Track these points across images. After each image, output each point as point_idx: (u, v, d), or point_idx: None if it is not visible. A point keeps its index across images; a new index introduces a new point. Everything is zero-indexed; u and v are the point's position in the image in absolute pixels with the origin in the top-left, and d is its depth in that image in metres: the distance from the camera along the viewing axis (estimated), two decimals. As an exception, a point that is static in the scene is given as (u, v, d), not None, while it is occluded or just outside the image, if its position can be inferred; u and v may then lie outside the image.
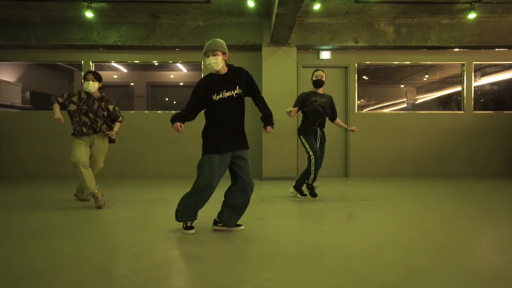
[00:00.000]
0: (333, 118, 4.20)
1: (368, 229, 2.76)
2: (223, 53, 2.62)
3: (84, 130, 3.66)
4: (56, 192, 4.72)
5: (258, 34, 6.23)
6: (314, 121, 3.98)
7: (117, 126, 3.90)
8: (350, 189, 5.06)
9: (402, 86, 9.80)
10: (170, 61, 6.73)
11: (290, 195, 4.29)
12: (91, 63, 6.51)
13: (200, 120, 2.68)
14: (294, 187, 4.21)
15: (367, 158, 6.61)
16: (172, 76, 8.77)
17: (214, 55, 2.59)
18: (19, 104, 7.06)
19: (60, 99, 3.71)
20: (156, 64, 6.98)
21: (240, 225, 2.79)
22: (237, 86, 2.62)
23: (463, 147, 6.59)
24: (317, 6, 5.24)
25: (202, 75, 6.57)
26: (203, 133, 2.67)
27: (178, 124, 2.55)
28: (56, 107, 3.67)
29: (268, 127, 2.72)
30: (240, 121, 2.67)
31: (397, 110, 8.58)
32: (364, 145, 6.61)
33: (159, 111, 6.62)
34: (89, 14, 5.51)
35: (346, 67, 6.67)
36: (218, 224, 2.76)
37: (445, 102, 8.22)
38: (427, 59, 6.71)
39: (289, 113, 3.89)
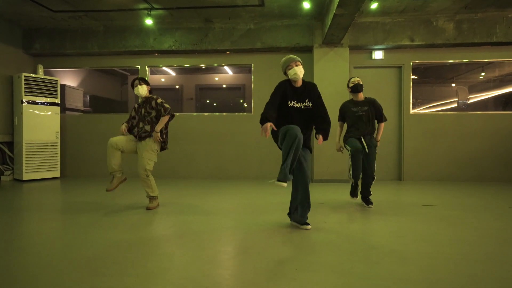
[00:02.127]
0: (379, 121, 3.93)
1: (447, 237, 2.63)
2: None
3: (135, 132, 3.76)
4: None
5: (310, 36, 6.18)
6: (359, 132, 3.81)
7: (159, 124, 3.61)
8: (412, 194, 4.86)
9: (453, 85, 9.26)
10: (222, 64, 6.88)
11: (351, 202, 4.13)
12: (146, 68, 6.83)
13: (251, 123, 2.72)
14: (361, 198, 3.95)
15: (422, 161, 6.32)
16: (217, 79, 8.97)
17: (298, 65, 2.92)
18: (81, 107, 7.57)
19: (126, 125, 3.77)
20: (204, 67, 7.19)
21: (308, 224, 2.92)
22: (307, 99, 2.95)
23: (532, 151, 6.09)
24: (374, 5, 5.10)
25: (252, 77, 6.65)
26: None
27: (269, 124, 2.65)
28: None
29: (320, 138, 2.93)
30: (304, 130, 2.90)
31: (447, 110, 8.12)
32: (419, 147, 6.33)
33: (206, 113, 6.80)
34: (148, 22, 5.77)
35: (400, 67, 6.42)
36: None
37: (504, 102, 7.63)
38: (490, 56, 6.28)
39: (339, 149, 3.92)
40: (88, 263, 2.06)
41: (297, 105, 2.92)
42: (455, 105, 8.80)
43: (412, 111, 6.41)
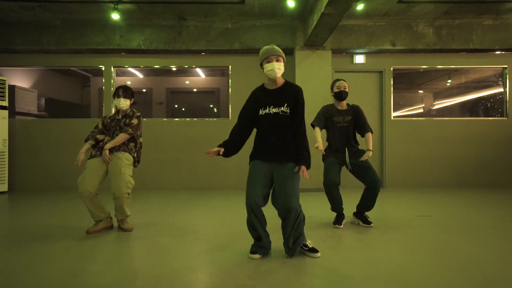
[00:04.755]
0: (363, 132, 3.37)
1: (438, 252, 2.36)
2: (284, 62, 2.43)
3: (98, 151, 3.17)
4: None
5: (291, 37, 5.88)
6: (340, 153, 3.30)
7: (115, 141, 3.06)
8: (400, 203, 4.65)
9: (420, 91, 9.45)
10: (196, 66, 6.37)
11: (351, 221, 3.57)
12: (112, 69, 6.16)
13: (228, 128, 2.30)
14: (354, 213, 3.47)
15: (405, 167, 6.21)
16: (187, 82, 8.43)
17: (278, 60, 2.39)
18: (34, 111, 6.69)
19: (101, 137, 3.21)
20: (175, 69, 6.64)
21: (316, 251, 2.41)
22: (286, 104, 2.36)
23: (507, 156, 6.18)
24: (360, 6, 4.90)
25: (230, 80, 6.21)
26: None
27: (216, 149, 2.39)
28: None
29: (304, 169, 2.31)
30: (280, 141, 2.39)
31: (414, 116, 8.20)
32: (401, 153, 6.22)
33: (176, 119, 6.25)
34: (115, 16, 5.16)
35: (381, 72, 6.31)
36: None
37: (469, 108, 7.83)
38: (467, 63, 6.35)
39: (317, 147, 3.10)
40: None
41: (274, 110, 2.35)
42: (422, 111, 8.97)
43: (393, 117, 6.30)
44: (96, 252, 2.52)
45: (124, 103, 3.17)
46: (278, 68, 2.36)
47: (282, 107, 2.35)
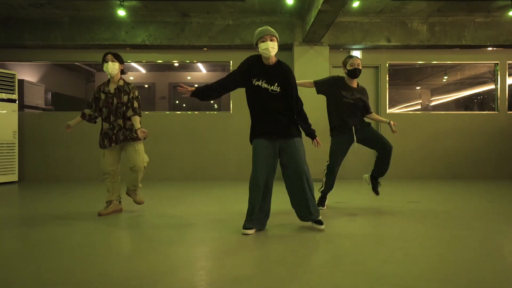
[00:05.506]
0: (366, 113, 3.47)
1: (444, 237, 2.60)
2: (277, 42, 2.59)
3: (106, 141, 3.25)
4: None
5: (290, 33, 6.10)
6: (347, 127, 3.30)
7: (136, 123, 3.17)
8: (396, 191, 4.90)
9: (417, 88, 9.67)
10: (198, 61, 6.61)
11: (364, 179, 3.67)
12: (117, 63, 6.38)
13: (229, 122, 2.54)
14: (370, 175, 3.53)
15: (397, 160, 6.44)
16: (189, 78, 8.65)
17: (272, 40, 2.50)
18: (42, 105, 6.93)
19: (88, 111, 3.32)
20: (178, 64, 6.87)
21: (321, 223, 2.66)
22: (276, 83, 2.55)
23: (498, 148, 6.43)
24: (356, 4, 5.12)
25: (231, 75, 6.44)
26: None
27: (189, 88, 2.53)
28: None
29: (315, 140, 2.83)
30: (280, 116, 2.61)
31: (413, 110, 8.43)
32: (397, 146, 6.39)
33: (178, 112, 6.48)
34: (121, 13, 5.38)
35: (377, 67, 6.53)
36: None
37: (464, 104, 8.07)
38: (459, 59, 6.57)
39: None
40: None
41: (265, 86, 2.53)
42: (419, 107, 9.20)
43: (388, 111, 6.53)
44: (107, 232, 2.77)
45: (113, 67, 3.16)
46: (272, 47, 2.48)
47: (273, 86, 2.54)
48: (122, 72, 3.33)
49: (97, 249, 2.20)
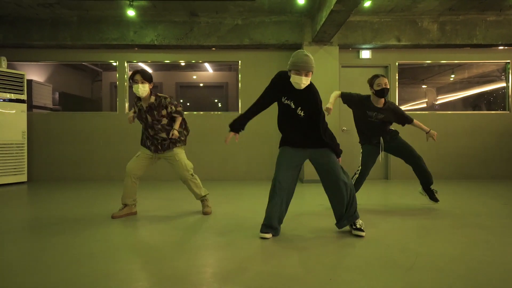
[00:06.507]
0: (404, 123, 3.60)
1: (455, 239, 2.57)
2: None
3: (148, 143, 3.31)
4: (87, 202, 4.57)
5: (299, 33, 6.06)
6: (373, 136, 3.46)
7: (177, 123, 3.24)
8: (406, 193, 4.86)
9: (423, 86, 9.59)
10: (207, 61, 6.58)
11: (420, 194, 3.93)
12: (125, 64, 6.37)
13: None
14: (423, 189, 3.75)
15: (408, 160, 6.40)
16: (194, 77, 8.62)
17: (307, 76, 2.45)
18: (50, 105, 6.92)
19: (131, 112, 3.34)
20: (184, 64, 6.82)
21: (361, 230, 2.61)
22: (300, 108, 2.50)
23: (510, 148, 6.37)
24: (368, 3, 5.06)
25: (239, 75, 6.41)
26: None
27: (231, 134, 2.62)
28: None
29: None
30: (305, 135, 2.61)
31: (417, 110, 8.37)
32: (405, 146, 6.40)
33: (186, 112, 6.46)
34: (130, 13, 5.35)
35: (386, 67, 6.48)
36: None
37: (472, 103, 7.99)
38: (470, 58, 6.51)
39: (327, 110, 3.10)
40: None
41: (292, 106, 2.50)
42: (425, 105, 9.13)
43: (398, 111, 6.48)
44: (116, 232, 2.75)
45: (143, 89, 3.06)
46: (304, 83, 2.43)
47: (298, 110, 2.50)
48: (151, 90, 3.21)
49: (115, 256, 2.19)
